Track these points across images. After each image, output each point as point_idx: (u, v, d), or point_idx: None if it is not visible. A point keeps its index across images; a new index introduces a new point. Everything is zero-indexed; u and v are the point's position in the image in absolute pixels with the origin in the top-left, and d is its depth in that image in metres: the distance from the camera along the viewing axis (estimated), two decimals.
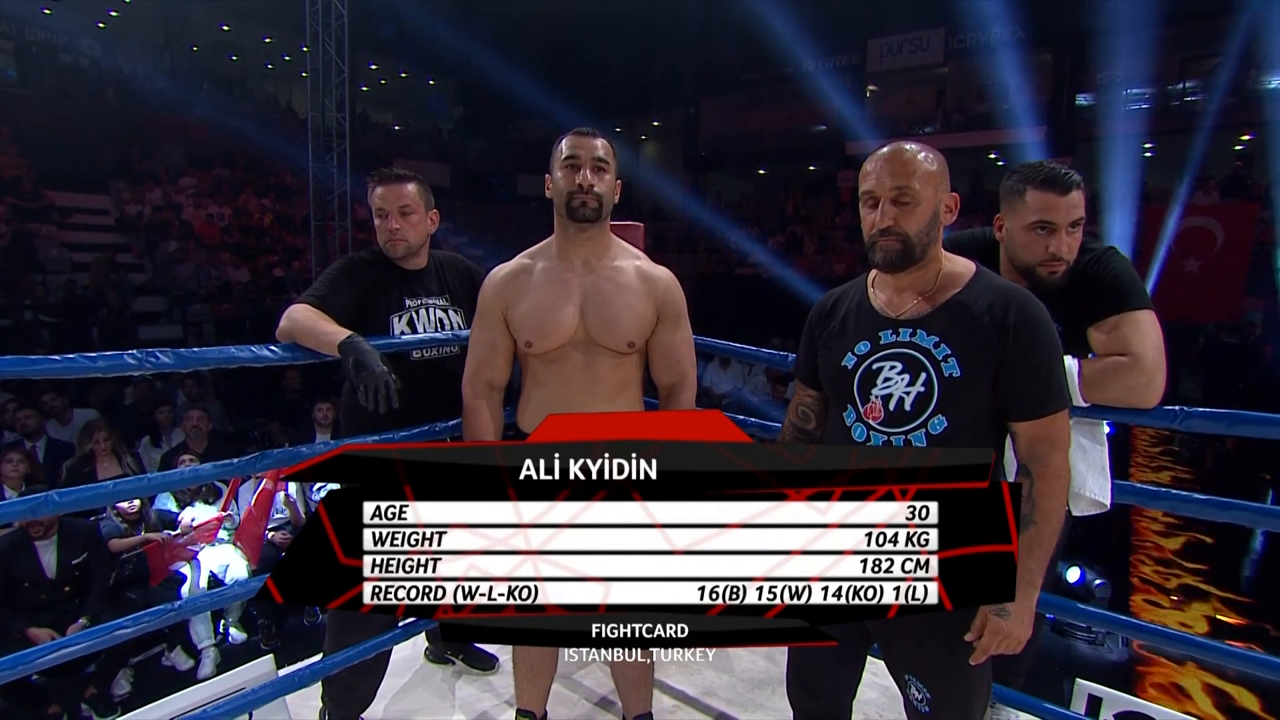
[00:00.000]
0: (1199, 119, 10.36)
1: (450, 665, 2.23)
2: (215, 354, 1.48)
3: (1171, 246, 8.43)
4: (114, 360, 1.24)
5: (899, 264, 1.21)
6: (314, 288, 1.81)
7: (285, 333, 1.70)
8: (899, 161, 1.19)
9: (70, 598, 3.23)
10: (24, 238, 8.96)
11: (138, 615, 1.40)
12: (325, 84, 9.14)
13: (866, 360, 1.25)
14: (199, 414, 4.65)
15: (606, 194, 1.54)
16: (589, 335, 1.55)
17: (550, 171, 1.56)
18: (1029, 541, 1.15)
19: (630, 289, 1.57)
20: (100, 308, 8.37)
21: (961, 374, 1.17)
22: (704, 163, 17.67)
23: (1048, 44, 12.67)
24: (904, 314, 1.25)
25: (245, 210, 11.39)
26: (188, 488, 3.96)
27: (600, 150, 1.53)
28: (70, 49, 13.14)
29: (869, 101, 14.91)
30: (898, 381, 1.21)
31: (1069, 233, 1.44)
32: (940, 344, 1.19)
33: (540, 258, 1.62)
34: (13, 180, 9.72)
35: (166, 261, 9.60)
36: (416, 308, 1.95)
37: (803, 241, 13.65)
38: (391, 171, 1.95)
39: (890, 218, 1.19)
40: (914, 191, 1.18)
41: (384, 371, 1.59)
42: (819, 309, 1.39)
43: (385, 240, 1.91)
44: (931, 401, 1.18)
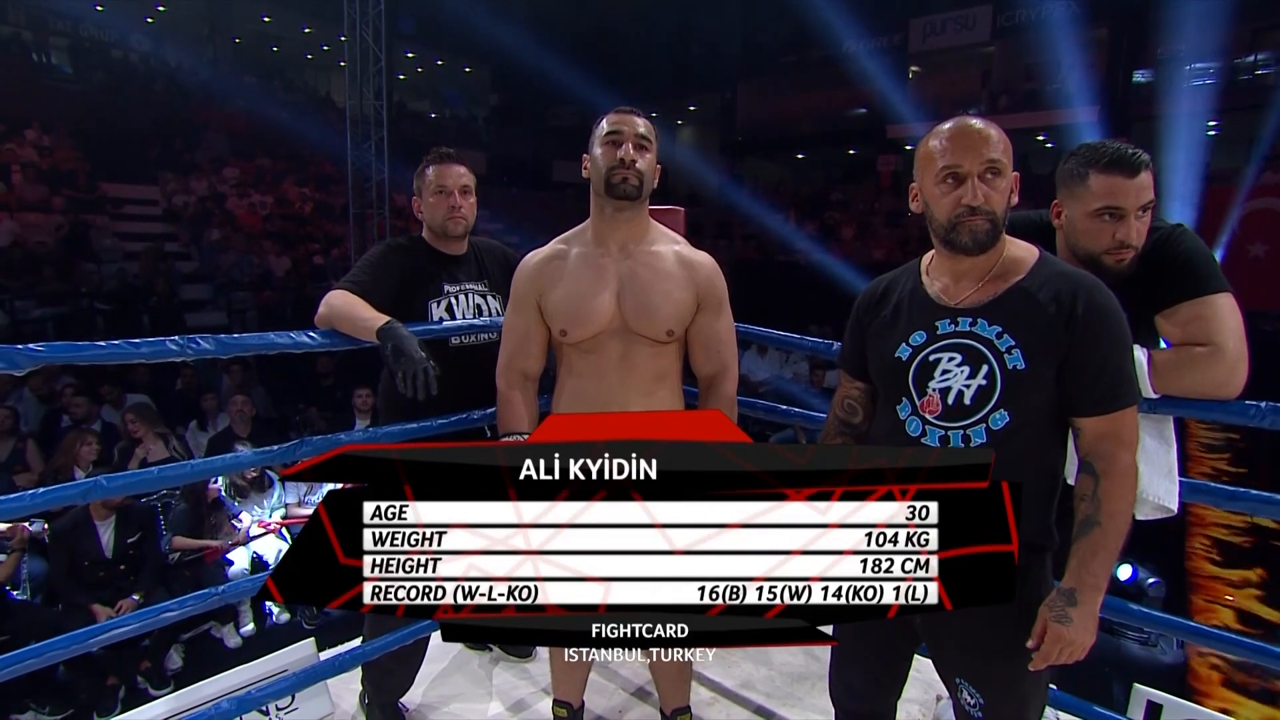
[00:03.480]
0: (1272, 94, 9.75)
1: (488, 652, 2.24)
2: (255, 340, 1.49)
3: (1236, 229, 8.02)
4: (157, 346, 1.25)
5: (988, 245, 1.14)
6: (353, 273, 1.81)
7: (324, 319, 1.70)
8: (981, 135, 1.12)
9: (126, 575, 3.37)
10: (80, 228, 9.29)
11: (183, 599, 1.43)
12: (363, 73, 9.23)
13: (923, 351, 1.18)
14: (243, 399, 4.75)
15: (648, 172, 1.48)
16: (626, 323, 1.49)
17: (589, 150, 1.51)
18: (1093, 544, 1.08)
19: (669, 275, 1.52)
20: (150, 296, 8.64)
21: (1027, 366, 1.11)
22: (741, 148, 17.42)
23: (1103, 19, 12.10)
24: (963, 302, 1.18)
25: (286, 199, 11.61)
26: (241, 477, 4.06)
27: (642, 128, 1.48)
28: (121, 44, 13.55)
29: (911, 83, 14.48)
30: (957, 374, 1.14)
31: (1138, 217, 1.32)
32: (1004, 334, 1.13)
33: (575, 243, 1.56)
34: (69, 174, 10.08)
35: (211, 250, 9.86)
36: (456, 293, 1.93)
37: (841, 227, 13.39)
38: (447, 151, 1.96)
39: (982, 195, 1.11)
40: (1002, 165, 1.12)
41: (422, 358, 1.57)
42: (868, 296, 1.32)
43: (445, 217, 1.90)
44: (994, 395, 1.12)
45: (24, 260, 8.44)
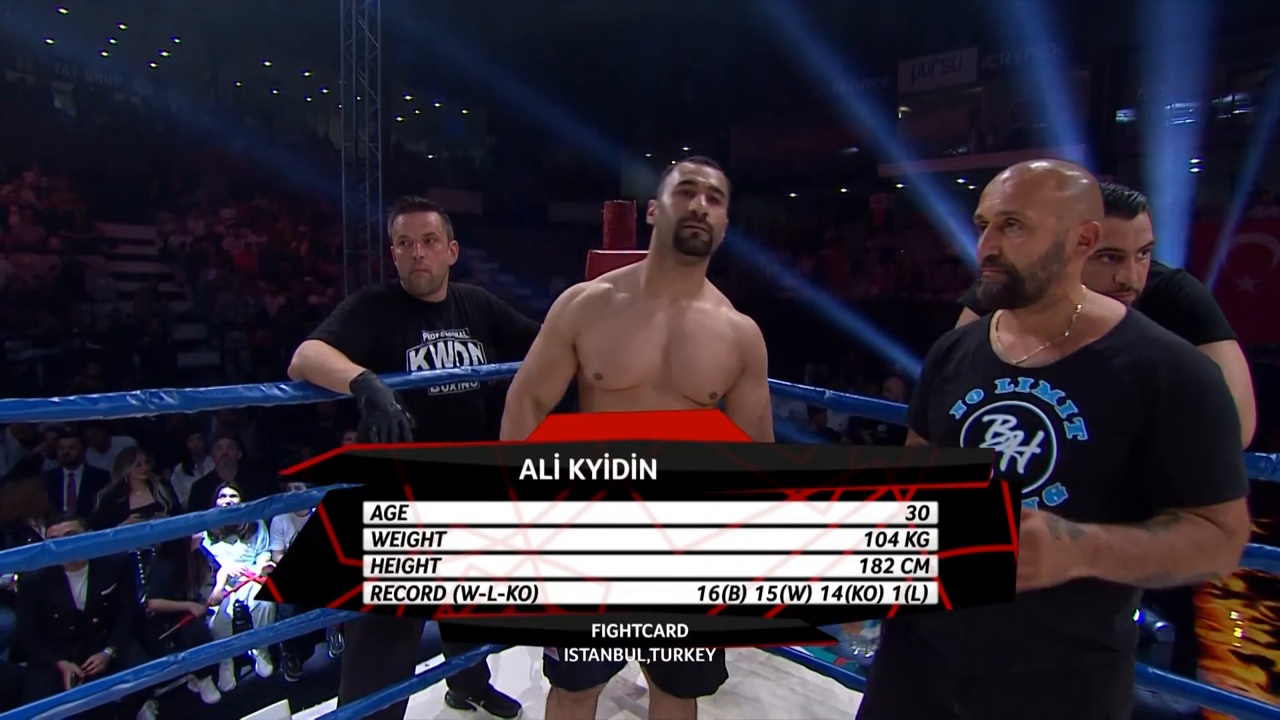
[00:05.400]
0: (1251, 132, 9.97)
1: (471, 711, 2.15)
2: (222, 394, 1.43)
3: (1225, 264, 8.09)
4: (116, 402, 1.19)
5: (1003, 300, 1.06)
6: (327, 323, 1.77)
7: (297, 370, 1.65)
8: (1014, 182, 1.04)
9: (98, 628, 3.22)
10: (75, 268, 9.30)
11: (139, 669, 1.35)
12: (359, 114, 9.36)
13: (977, 411, 1.09)
14: (228, 442, 4.67)
15: (718, 227, 1.42)
16: (670, 378, 1.40)
17: (658, 196, 1.45)
18: (1135, 537, 0.90)
19: (719, 336, 1.44)
20: (143, 335, 8.60)
21: (1090, 439, 0.98)
22: (735, 187, 17.39)
23: (1085, 61, 12.42)
24: (1025, 361, 1.08)
25: (281, 239, 11.68)
26: None
27: (715, 180, 1.41)
28: (124, 89, 13.76)
29: (901, 123, 14.76)
30: (1010, 439, 1.04)
31: (1138, 259, 1.29)
32: (1066, 400, 1.02)
33: (623, 287, 1.47)
34: (67, 215, 10.14)
35: (206, 290, 9.86)
36: (435, 340, 1.89)
37: (835, 265, 13.48)
38: (414, 200, 1.92)
39: (993, 245, 1.05)
40: (1026, 219, 1.03)
41: (397, 410, 1.51)
42: (936, 350, 1.24)
43: (409, 270, 1.86)
44: (1048, 466, 1.00)
45: (18, 300, 8.42)
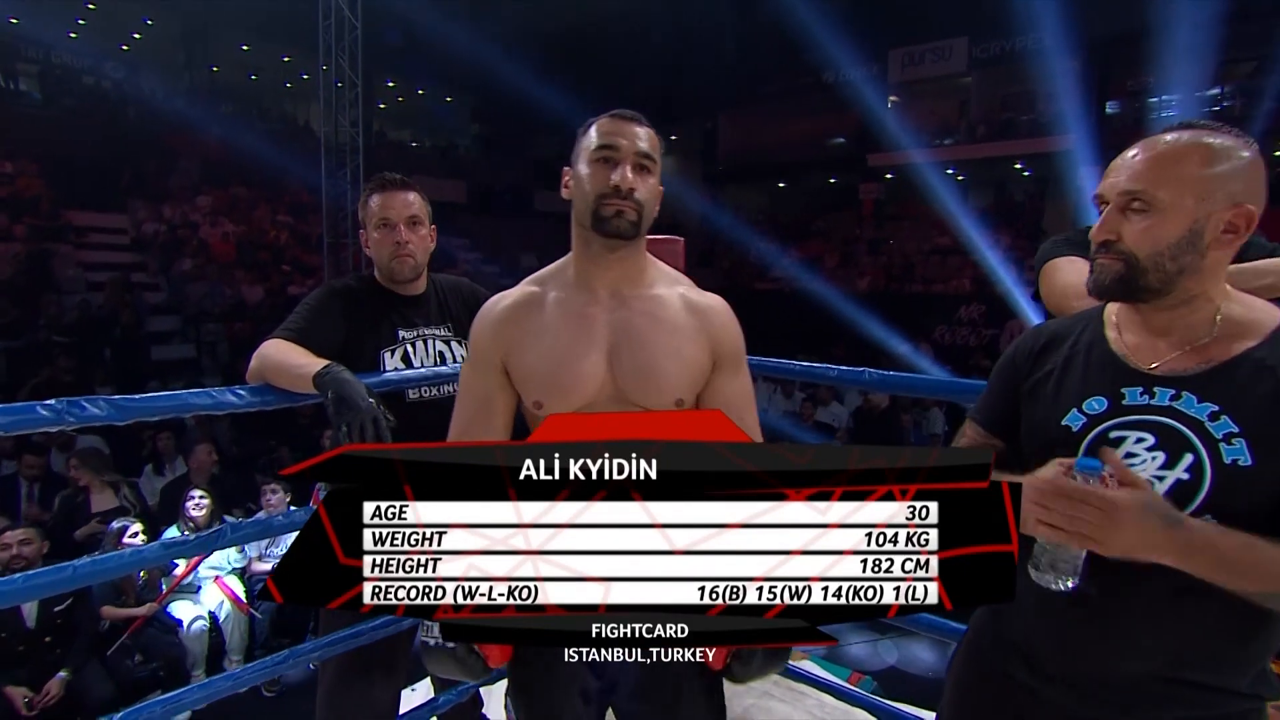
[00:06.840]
0: (1238, 125, 9.98)
1: None
2: (166, 401, 1.23)
3: None
4: (23, 414, 0.98)
5: (1116, 291, 0.91)
6: (290, 320, 1.58)
7: (255, 373, 1.46)
8: (1146, 156, 0.89)
9: (51, 648, 2.96)
10: (41, 257, 8.93)
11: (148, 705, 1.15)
12: (339, 100, 9.05)
13: (1102, 423, 0.93)
14: (206, 449, 4.46)
15: (648, 202, 1.12)
16: (620, 391, 1.12)
17: (573, 164, 1.14)
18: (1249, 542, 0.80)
19: (675, 327, 1.15)
20: (114, 328, 8.29)
21: (1254, 463, 0.84)
22: (723, 176, 17.48)
23: (1075, 51, 12.38)
24: (1161, 368, 0.92)
25: (260, 228, 11.34)
26: (192, 522, 3.75)
27: (644, 142, 1.11)
28: (94, 71, 13.25)
29: (891, 112, 14.66)
30: (1147, 461, 0.89)
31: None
32: (1221, 416, 0.86)
33: (553, 285, 1.19)
34: (32, 200, 9.74)
35: (181, 280, 9.54)
36: (413, 340, 1.70)
37: (824, 255, 13.37)
38: (392, 177, 1.70)
39: (1110, 230, 0.90)
40: (1155, 200, 0.87)
41: (370, 405, 1.32)
42: (1028, 345, 1.07)
43: (389, 256, 1.65)
44: (1198, 495, 0.85)
45: None
